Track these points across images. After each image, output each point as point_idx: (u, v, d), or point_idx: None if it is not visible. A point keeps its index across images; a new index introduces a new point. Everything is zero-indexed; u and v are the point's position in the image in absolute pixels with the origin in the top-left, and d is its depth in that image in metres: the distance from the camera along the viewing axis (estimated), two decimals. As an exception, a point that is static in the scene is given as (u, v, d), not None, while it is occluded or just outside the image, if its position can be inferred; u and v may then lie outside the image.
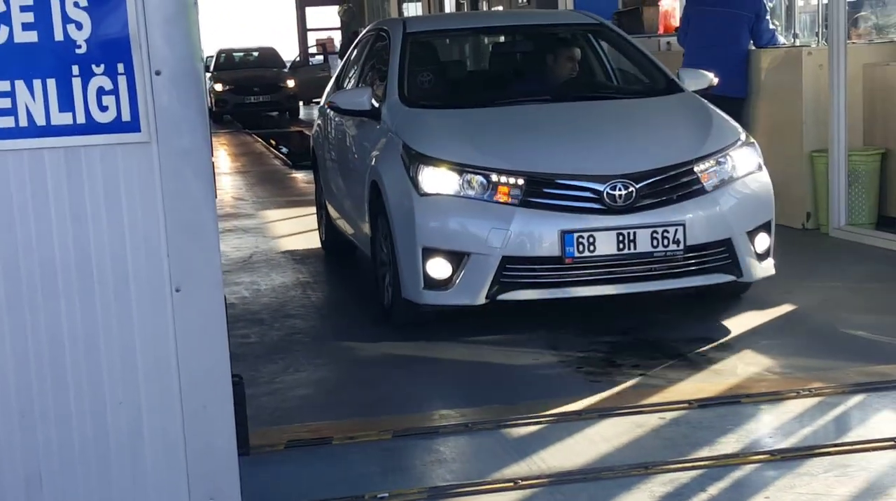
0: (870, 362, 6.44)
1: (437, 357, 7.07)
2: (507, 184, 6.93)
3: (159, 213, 3.54)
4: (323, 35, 41.29)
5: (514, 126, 7.62)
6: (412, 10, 30.92)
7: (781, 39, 11.83)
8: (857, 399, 5.83)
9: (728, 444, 5.29)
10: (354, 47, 10.04)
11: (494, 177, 6.96)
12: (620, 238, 6.83)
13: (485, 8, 22.81)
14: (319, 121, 10.40)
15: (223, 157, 21.91)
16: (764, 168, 7.50)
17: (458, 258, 6.93)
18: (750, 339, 7.09)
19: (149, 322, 3.56)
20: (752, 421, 5.62)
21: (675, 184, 7.03)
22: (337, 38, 40.40)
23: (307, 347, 7.48)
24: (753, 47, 11.03)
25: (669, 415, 5.71)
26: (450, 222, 7.00)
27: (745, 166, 7.34)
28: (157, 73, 3.51)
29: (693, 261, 7.03)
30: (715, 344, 6.98)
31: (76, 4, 3.43)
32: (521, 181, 6.92)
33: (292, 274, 9.96)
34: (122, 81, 3.48)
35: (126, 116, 3.49)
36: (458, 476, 5.11)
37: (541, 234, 6.83)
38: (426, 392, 6.49)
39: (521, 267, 6.89)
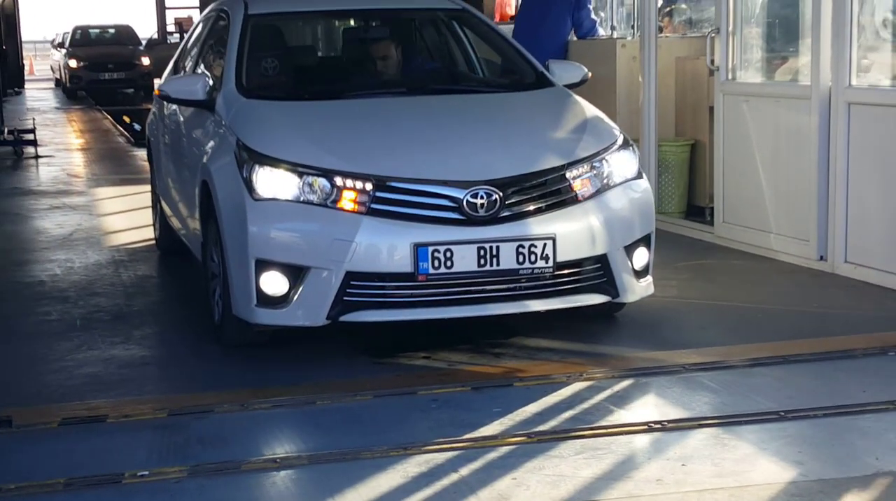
0: (652, 349, 6.40)
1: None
2: (353, 188, 6.02)
3: None
4: (182, 14, 40.07)
5: (364, 122, 6.70)
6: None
7: (601, 31, 12.05)
8: (624, 383, 5.86)
9: (491, 427, 5.27)
10: (194, 29, 9.07)
11: (339, 181, 6.04)
12: (482, 253, 5.97)
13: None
14: (155, 108, 9.41)
15: (68, 134, 20.98)
16: (643, 174, 6.70)
17: (296, 272, 6.02)
18: (538, 325, 6.82)
19: None
20: (518, 404, 5.56)
21: (544, 193, 6.19)
22: (196, 17, 39.19)
23: (106, 326, 7.26)
24: (574, 37, 11.43)
25: (442, 396, 5.69)
26: (287, 231, 6.08)
27: (623, 172, 6.53)
28: None
29: (564, 280, 6.20)
30: (508, 330, 6.77)
31: None
32: (368, 186, 6.01)
33: (108, 252, 9.73)
34: None
35: None
36: (220, 453, 5.03)
37: (390, 247, 5.94)
38: (212, 375, 6.28)
39: (367, 285, 6.00)
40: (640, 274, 6.49)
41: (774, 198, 8.64)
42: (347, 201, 6.01)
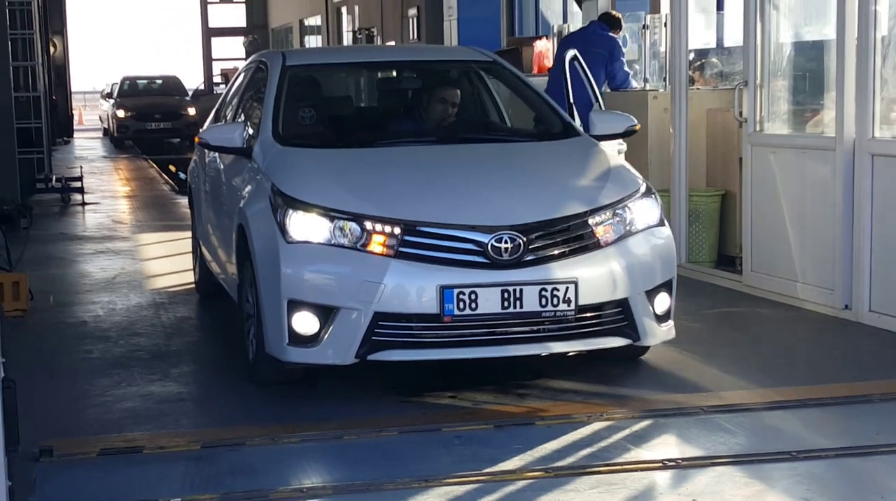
0: (673, 392, 6.57)
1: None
2: (382, 232, 6.25)
3: None
4: (228, 65, 40.69)
5: (394, 169, 6.95)
6: (314, 43, 30.36)
7: (634, 84, 12.28)
8: (643, 424, 6.03)
9: (510, 462, 5.48)
10: (235, 79, 9.36)
11: (368, 225, 6.28)
12: (505, 295, 6.18)
13: (378, 43, 22.29)
14: (196, 156, 9.70)
15: (114, 182, 21.35)
16: (665, 222, 6.89)
17: (326, 312, 6.24)
18: (563, 367, 7.04)
19: None
20: (539, 441, 5.75)
21: (567, 238, 6.39)
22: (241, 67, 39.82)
23: (144, 364, 7.53)
24: (608, 89, 11.64)
25: (466, 434, 5.90)
26: (318, 273, 6.31)
27: (645, 219, 6.72)
28: None
29: (585, 323, 6.39)
30: (533, 372, 6.98)
31: None
32: (397, 230, 6.24)
33: (149, 295, 9.99)
34: None
35: None
36: (250, 483, 5.27)
37: (417, 289, 6.16)
38: (245, 410, 6.55)
39: (395, 325, 6.21)
40: (661, 318, 6.66)
41: (800, 247, 8.81)
42: (376, 244, 6.24)
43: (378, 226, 6.26)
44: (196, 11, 42.10)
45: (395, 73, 8.79)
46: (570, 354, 6.82)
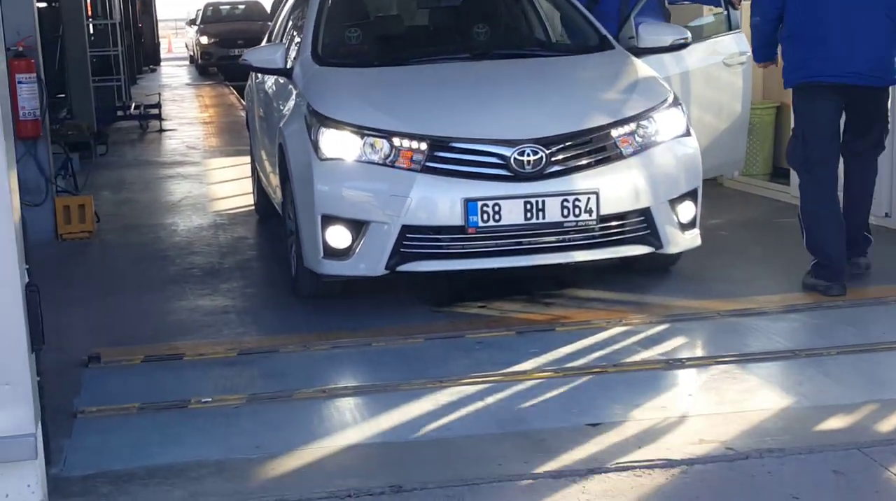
0: (696, 298, 6.77)
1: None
2: (409, 148, 6.49)
3: None
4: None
5: (424, 86, 7.18)
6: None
7: None
8: (659, 328, 6.27)
9: (524, 364, 5.75)
10: (285, 2, 9.61)
11: (397, 141, 6.52)
12: (528, 206, 6.40)
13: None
14: (250, 79, 9.98)
15: (194, 109, 21.75)
16: (692, 132, 7.04)
17: (357, 226, 6.51)
18: (592, 278, 7.29)
19: None
20: (556, 346, 6.01)
21: (589, 150, 6.59)
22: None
23: (197, 280, 7.89)
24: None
25: (487, 340, 6.18)
26: (349, 189, 6.57)
27: (671, 130, 6.87)
28: None
29: (608, 232, 6.60)
30: (561, 282, 7.20)
31: None
32: (423, 145, 6.48)
33: (211, 216, 10.36)
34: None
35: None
36: (277, 385, 5.61)
37: (442, 202, 6.41)
38: (283, 322, 6.86)
39: (422, 237, 6.47)
40: (685, 226, 6.84)
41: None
42: (404, 160, 6.48)
43: (405, 143, 6.50)
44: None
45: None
46: (599, 264, 7.05)
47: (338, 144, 6.62)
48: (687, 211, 6.85)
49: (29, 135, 9.28)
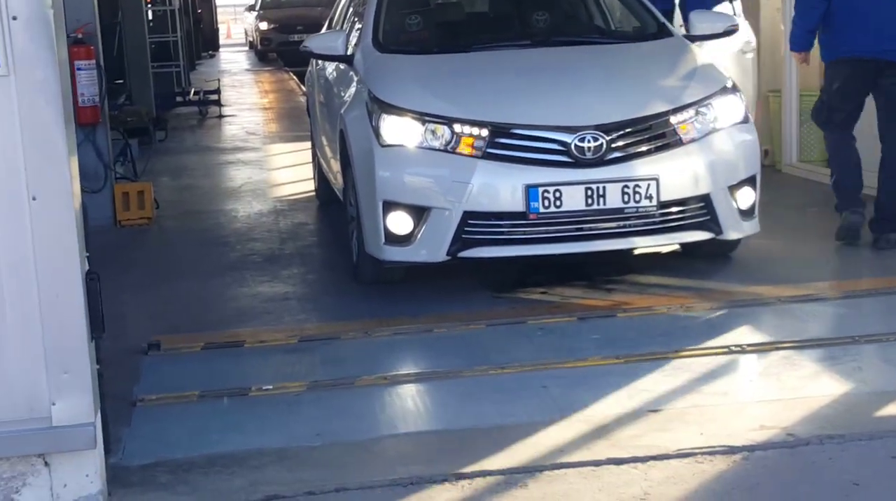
0: (757, 284, 6.74)
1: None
2: (470, 135, 6.51)
3: (17, 134, 4.06)
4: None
5: (484, 73, 7.20)
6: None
7: None
8: (719, 313, 6.29)
9: (586, 350, 5.76)
10: (347, -12, 9.64)
11: (458, 128, 6.54)
12: (589, 193, 6.41)
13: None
14: (311, 66, 10.03)
15: (253, 95, 21.83)
16: (750, 119, 7.03)
17: (419, 213, 6.54)
18: (654, 264, 7.33)
19: (10, 225, 4.11)
20: (617, 332, 6.06)
21: (649, 136, 6.59)
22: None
23: (257, 266, 7.93)
24: None
25: (549, 326, 6.18)
26: (410, 174, 6.60)
27: (729, 117, 6.86)
28: (14, 19, 4.02)
29: (668, 218, 6.60)
30: (623, 268, 7.22)
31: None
32: (484, 132, 6.50)
33: (271, 203, 10.41)
34: (-14, 25, 3.92)
35: (-11, 54, 3.95)
36: (338, 372, 5.64)
37: (503, 188, 6.43)
38: (345, 308, 6.88)
39: (483, 223, 6.49)
40: (745, 213, 6.83)
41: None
42: (465, 146, 6.51)
43: (466, 129, 6.52)
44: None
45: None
46: (662, 251, 7.05)
47: (399, 130, 6.65)
48: (746, 197, 6.83)
49: (88, 122, 9.35)
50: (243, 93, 22.38)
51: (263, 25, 32.94)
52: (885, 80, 7.46)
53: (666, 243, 6.81)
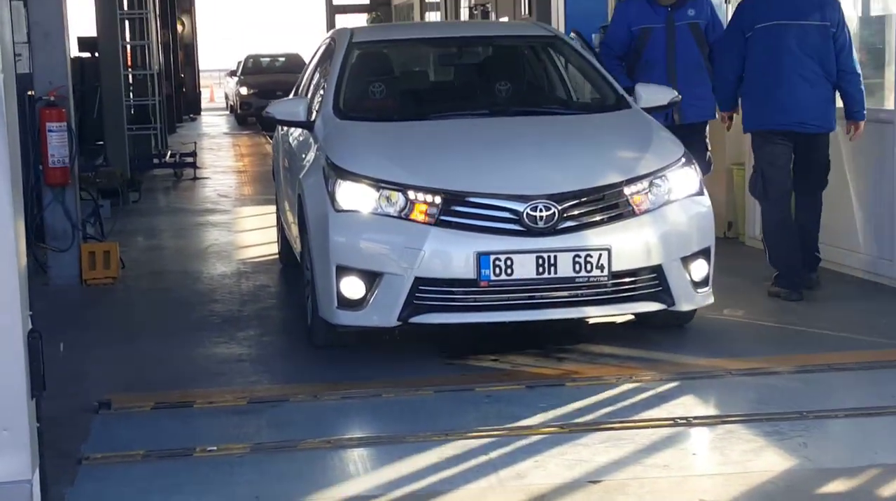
0: (708, 357, 6.79)
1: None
2: (423, 201, 6.56)
3: None
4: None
5: (440, 141, 7.26)
6: (433, 18, 30.66)
7: None
8: (669, 386, 6.28)
9: (531, 419, 5.77)
10: (313, 56, 9.73)
11: (412, 195, 6.58)
12: (540, 261, 6.45)
13: (493, 17, 22.54)
14: (277, 132, 10.10)
15: (229, 158, 21.95)
16: (705, 191, 7.08)
17: (371, 277, 6.57)
18: (606, 334, 7.34)
19: None
20: (565, 401, 6.03)
21: (601, 207, 6.63)
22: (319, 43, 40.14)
23: (215, 328, 7.97)
24: None
25: (497, 393, 6.21)
26: (363, 240, 6.64)
27: (683, 189, 6.91)
28: None
29: (620, 288, 6.63)
30: (576, 337, 7.25)
31: None
32: (437, 199, 6.55)
33: (235, 264, 10.47)
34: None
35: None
36: (283, 435, 5.68)
37: (455, 255, 6.46)
38: (296, 371, 6.96)
39: (435, 289, 6.51)
40: (698, 284, 6.87)
41: (863, 219, 8.88)
42: (419, 213, 6.55)
43: (420, 196, 6.57)
44: (321, -12, 42.66)
45: (455, 49, 9.05)
46: (616, 320, 7.08)
47: (354, 196, 6.70)
48: (699, 269, 6.87)
49: (57, 182, 9.41)
50: (220, 156, 22.48)
51: (244, 90, 33.17)
52: (804, 150, 8.23)
53: (618, 313, 6.86)
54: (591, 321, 7.41)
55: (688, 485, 4.90)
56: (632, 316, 7.29)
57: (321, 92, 8.22)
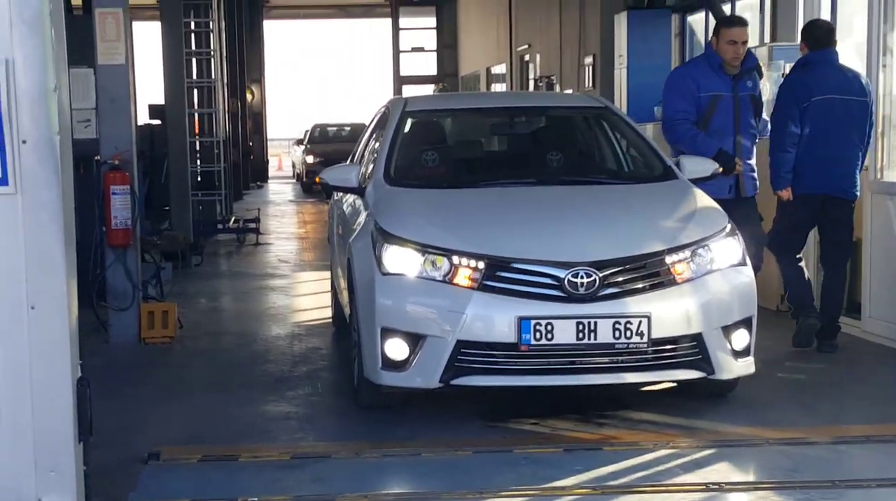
0: (748, 425, 6.89)
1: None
2: (467, 266, 6.73)
3: (21, 247, 4.47)
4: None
5: (486, 208, 7.43)
6: (499, 89, 30.98)
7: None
8: (705, 452, 6.37)
9: (566, 480, 5.91)
10: (369, 124, 9.97)
11: (456, 260, 6.76)
12: (580, 327, 6.58)
13: (557, 89, 22.79)
14: (332, 198, 10.32)
15: (292, 225, 22.23)
16: (748, 262, 7.19)
17: (415, 340, 6.73)
18: (647, 400, 7.44)
19: (10, 331, 4.48)
20: (600, 465, 6.15)
21: (642, 275, 6.76)
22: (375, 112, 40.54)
23: (266, 387, 8.18)
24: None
25: (534, 455, 6.33)
26: (408, 303, 6.81)
27: (727, 258, 7.03)
28: (24, 142, 4.45)
29: (660, 355, 6.75)
30: (617, 403, 7.35)
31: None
32: (481, 264, 6.71)
33: (290, 327, 10.68)
34: (-3, 148, 4.40)
35: (-1, 174, 4.40)
36: (323, 489, 5.87)
37: (497, 320, 6.61)
38: (341, 429, 7.21)
39: (476, 353, 6.66)
40: (738, 353, 6.96)
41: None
42: (462, 277, 6.72)
43: (464, 261, 6.74)
44: (389, 60, 43.26)
45: (506, 119, 9.25)
46: (658, 388, 7.19)
47: (400, 260, 6.88)
48: (740, 338, 6.97)
49: (119, 244, 9.68)
50: (283, 223, 22.79)
51: (310, 159, 33.59)
52: (830, 213, 8.79)
53: (656, 380, 6.95)
54: (633, 388, 7.50)
55: (713, 549, 4.99)
56: (674, 384, 7.37)
57: (374, 158, 8.43)
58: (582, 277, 6.62)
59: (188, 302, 11.84)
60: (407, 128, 8.41)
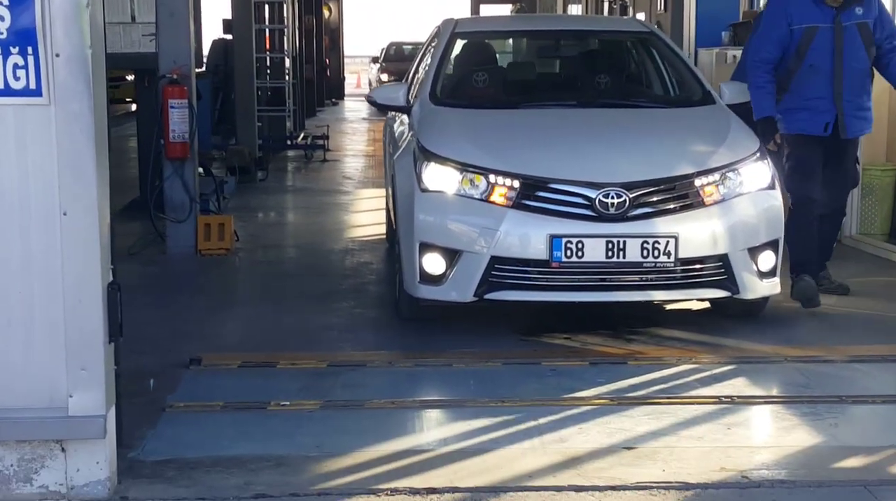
0: (771, 344, 7.07)
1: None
2: (503, 185, 6.97)
3: (53, 156, 4.62)
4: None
5: (525, 129, 7.65)
6: (576, 11, 30.89)
7: None
8: (724, 368, 6.60)
9: (587, 392, 6.16)
10: (424, 44, 10.18)
11: (492, 178, 7.00)
12: (609, 246, 6.81)
13: (630, 13, 22.77)
14: (387, 118, 10.58)
15: (361, 142, 22.51)
16: (777, 185, 7.37)
17: (451, 255, 6.99)
18: (683, 317, 7.70)
19: (43, 236, 4.67)
20: (622, 378, 6.40)
21: (671, 196, 6.97)
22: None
23: (312, 299, 8.41)
24: None
25: (561, 368, 6.59)
26: (446, 219, 7.06)
27: (756, 182, 7.21)
28: (57, 56, 4.58)
29: (687, 274, 6.97)
30: (647, 321, 7.56)
31: (1, 4, 4.53)
32: (516, 183, 6.94)
33: (344, 242, 11.02)
34: (31, 60, 4.57)
35: (33, 85, 4.59)
36: (354, 395, 6.16)
37: (529, 237, 6.86)
38: (378, 340, 7.43)
39: (509, 268, 6.92)
40: (764, 274, 7.16)
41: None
42: (498, 196, 6.96)
43: (500, 180, 6.98)
44: (466, -21, 43.18)
45: (552, 43, 9.43)
46: (692, 308, 7.42)
47: (440, 178, 7.13)
48: (766, 260, 7.16)
49: (177, 156, 9.98)
50: (353, 140, 23.07)
51: (384, 77, 33.79)
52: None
53: (683, 298, 7.18)
54: (667, 307, 7.74)
55: (714, 455, 5.22)
56: (707, 305, 7.59)
57: (422, 78, 8.66)
58: (612, 197, 6.83)
59: (248, 216, 12.19)
60: (454, 49, 8.60)
